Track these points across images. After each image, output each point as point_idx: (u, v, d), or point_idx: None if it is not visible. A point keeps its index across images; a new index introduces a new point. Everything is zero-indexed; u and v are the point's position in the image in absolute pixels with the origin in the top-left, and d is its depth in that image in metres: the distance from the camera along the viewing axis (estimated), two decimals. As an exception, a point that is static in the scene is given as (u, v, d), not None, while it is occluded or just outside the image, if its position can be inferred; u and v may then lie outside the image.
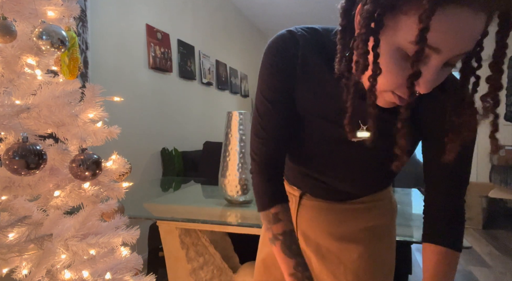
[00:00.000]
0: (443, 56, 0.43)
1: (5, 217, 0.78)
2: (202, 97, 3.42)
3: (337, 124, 0.62)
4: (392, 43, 0.45)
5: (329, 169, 0.71)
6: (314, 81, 0.62)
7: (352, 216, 0.78)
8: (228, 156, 1.46)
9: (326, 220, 0.78)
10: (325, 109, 0.63)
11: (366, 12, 0.44)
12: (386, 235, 0.80)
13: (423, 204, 0.69)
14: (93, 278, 0.86)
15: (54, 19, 0.83)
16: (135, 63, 2.44)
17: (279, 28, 0.81)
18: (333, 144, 0.67)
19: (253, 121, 0.69)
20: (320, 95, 0.62)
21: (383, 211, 0.80)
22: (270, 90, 0.63)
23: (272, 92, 0.63)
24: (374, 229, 0.78)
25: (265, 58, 0.63)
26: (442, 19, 0.40)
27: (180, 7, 3.02)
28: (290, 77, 0.62)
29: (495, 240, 3.15)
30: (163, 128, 2.77)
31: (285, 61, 0.61)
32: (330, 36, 0.60)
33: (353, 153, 0.67)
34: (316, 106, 0.63)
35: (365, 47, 0.45)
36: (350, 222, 0.78)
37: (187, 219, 1.32)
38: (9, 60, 0.76)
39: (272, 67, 0.62)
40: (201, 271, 1.48)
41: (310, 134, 0.68)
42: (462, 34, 0.41)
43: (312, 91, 0.62)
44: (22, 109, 0.74)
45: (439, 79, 0.47)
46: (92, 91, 0.88)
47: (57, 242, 0.81)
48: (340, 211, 0.78)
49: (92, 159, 0.81)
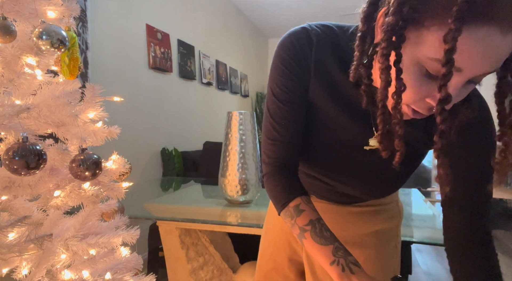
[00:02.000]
0: (466, 75, 0.41)
1: (5, 217, 0.78)
2: (202, 97, 3.42)
3: (349, 130, 0.61)
4: (412, 58, 0.43)
5: (339, 174, 0.69)
6: (327, 82, 0.60)
7: (359, 219, 0.76)
8: (228, 156, 1.46)
9: (332, 223, 0.71)
10: (337, 112, 0.61)
11: (388, 25, 0.42)
12: (393, 239, 0.78)
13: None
14: (93, 278, 0.86)
15: (54, 19, 0.83)
16: (135, 63, 2.44)
17: (279, 28, 0.81)
18: (345, 148, 0.64)
19: (264, 122, 0.65)
20: (333, 98, 0.60)
21: (390, 214, 0.78)
22: (281, 90, 0.61)
23: (284, 93, 0.61)
24: (381, 233, 0.76)
25: (277, 56, 0.60)
26: (468, 38, 0.37)
27: (180, 7, 3.02)
28: (303, 78, 0.60)
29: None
30: (163, 128, 2.77)
31: (298, 61, 0.58)
32: (345, 36, 0.58)
33: (365, 159, 0.64)
34: (328, 108, 0.61)
35: (386, 62, 0.43)
36: (356, 226, 0.76)
37: (187, 219, 1.32)
38: (9, 60, 0.76)
39: (285, 67, 0.59)
40: (201, 271, 1.48)
41: (321, 136, 0.65)
42: (488, 54, 0.39)
43: (325, 93, 0.60)
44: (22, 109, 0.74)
45: (460, 95, 0.45)
46: (92, 91, 0.88)
47: (57, 242, 0.81)
48: (346, 213, 0.77)
49: (92, 159, 0.81)
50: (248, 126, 1.46)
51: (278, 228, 0.86)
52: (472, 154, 0.57)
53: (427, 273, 2.48)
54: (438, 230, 1.24)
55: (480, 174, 0.57)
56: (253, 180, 1.46)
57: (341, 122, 0.62)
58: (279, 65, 0.60)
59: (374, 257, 0.74)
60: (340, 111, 0.61)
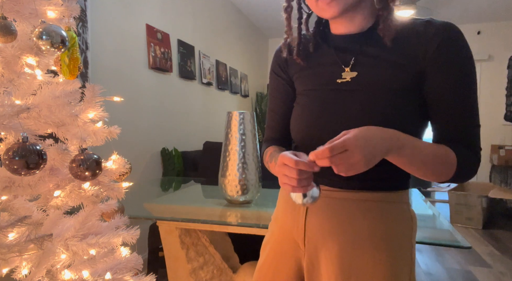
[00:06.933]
0: None
1: (5, 217, 0.78)
2: (202, 97, 3.42)
3: (325, 76, 0.73)
4: None
5: (329, 132, 0.65)
6: (294, 64, 0.80)
7: (368, 212, 0.69)
8: (228, 156, 1.46)
9: (336, 222, 0.70)
10: (309, 72, 0.77)
11: None
12: (406, 249, 0.71)
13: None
14: (93, 278, 0.86)
15: (54, 19, 0.83)
16: (135, 63, 2.44)
17: (279, 28, 0.84)
18: (328, 94, 0.72)
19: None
20: (303, 68, 0.77)
21: (401, 216, 0.72)
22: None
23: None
24: (393, 237, 0.69)
25: None
26: None
27: (180, 7, 3.02)
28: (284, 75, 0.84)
29: (495, 240, 3.15)
30: (163, 128, 2.77)
31: (274, 62, 0.85)
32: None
33: (347, 102, 0.68)
34: (306, 78, 0.77)
35: None
36: (366, 219, 0.69)
37: (187, 219, 1.32)
38: (9, 60, 0.76)
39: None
40: (201, 271, 1.48)
41: (308, 97, 0.77)
42: None
43: (298, 70, 0.79)
44: (22, 109, 0.74)
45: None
46: (92, 91, 0.88)
47: (57, 242, 0.81)
48: (354, 204, 0.70)
49: (92, 159, 0.81)
50: (248, 126, 1.46)
51: (279, 227, 0.81)
52: (447, 74, 0.64)
53: (427, 273, 2.49)
54: (438, 230, 1.24)
55: (453, 91, 0.64)
56: (253, 180, 1.46)
57: (316, 76, 0.75)
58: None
59: (385, 260, 0.67)
60: (310, 69, 0.76)
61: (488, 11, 4.10)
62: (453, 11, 4.09)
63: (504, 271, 2.50)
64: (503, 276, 2.42)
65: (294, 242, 0.77)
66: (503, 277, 2.41)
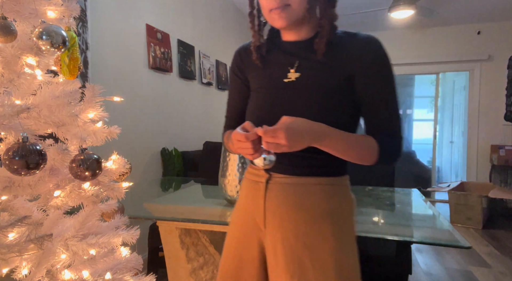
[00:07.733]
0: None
1: (5, 217, 0.78)
2: (202, 97, 3.42)
3: (269, 75, 0.86)
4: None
5: (274, 120, 0.74)
6: (253, 65, 0.91)
7: (313, 197, 0.82)
8: (228, 156, 1.46)
9: (292, 204, 0.82)
10: (262, 73, 0.88)
11: None
12: (349, 225, 0.83)
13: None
14: (93, 278, 0.86)
15: (54, 19, 0.83)
16: (135, 63, 2.44)
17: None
18: (270, 89, 0.85)
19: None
20: (256, 68, 0.90)
21: (343, 198, 0.84)
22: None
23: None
24: (337, 214, 0.82)
25: None
26: None
27: (180, 7, 3.02)
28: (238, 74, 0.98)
29: (495, 240, 3.15)
30: (163, 128, 2.77)
31: (233, 64, 1.01)
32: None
33: (290, 97, 0.81)
34: (259, 77, 0.89)
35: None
36: (313, 203, 0.81)
37: (187, 219, 1.32)
38: (9, 60, 0.76)
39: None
40: (201, 271, 1.48)
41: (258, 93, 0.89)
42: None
43: (252, 70, 0.91)
44: (22, 109, 0.74)
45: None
46: (92, 91, 0.88)
47: (57, 242, 0.81)
48: (306, 188, 0.82)
49: (92, 159, 0.81)
50: (248, 126, 1.46)
51: (242, 214, 0.90)
52: (369, 79, 0.78)
53: (427, 273, 2.49)
54: (438, 230, 1.24)
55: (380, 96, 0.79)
56: (253, 180, 1.46)
57: (267, 75, 0.87)
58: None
59: (332, 232, 0.80)
60: (262, 70, 0.88)
61: (488, 11, 4.09)
62: (453, 11, 4.09)
63: (504, 271, 2.50)
64: (503, 276, 2.42)
65: (256, 224, 0.86)
66: (503, 277, 2.41)
